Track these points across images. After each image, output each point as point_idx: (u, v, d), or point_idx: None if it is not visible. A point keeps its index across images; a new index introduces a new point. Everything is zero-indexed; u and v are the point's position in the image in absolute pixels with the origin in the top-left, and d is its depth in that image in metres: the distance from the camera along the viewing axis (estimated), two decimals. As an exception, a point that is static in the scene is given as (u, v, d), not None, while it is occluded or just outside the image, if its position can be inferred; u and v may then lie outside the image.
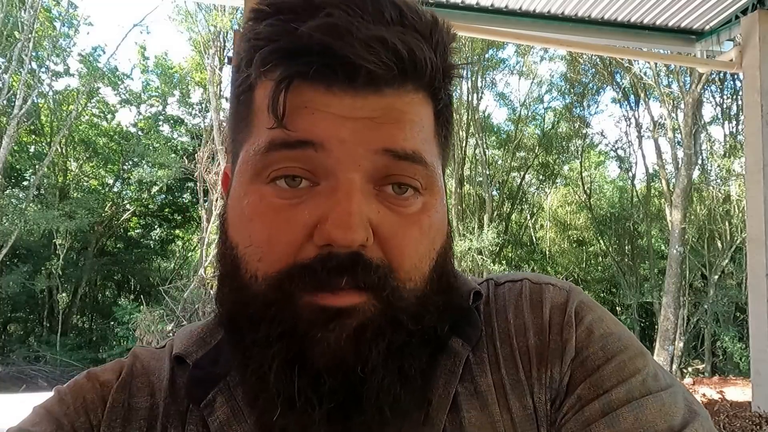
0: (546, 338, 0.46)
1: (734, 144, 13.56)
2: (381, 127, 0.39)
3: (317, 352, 0.38)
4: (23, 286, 14.21)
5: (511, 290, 0.50)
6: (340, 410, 0.39)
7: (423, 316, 0.41)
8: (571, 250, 18.15)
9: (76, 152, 17.07)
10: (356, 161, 0.39)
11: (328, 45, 0.37)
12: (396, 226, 0.40)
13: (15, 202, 14.87)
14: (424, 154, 0.41)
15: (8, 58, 13.32)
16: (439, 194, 0.44)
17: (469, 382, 0.46)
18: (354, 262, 0.38)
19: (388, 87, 0.39)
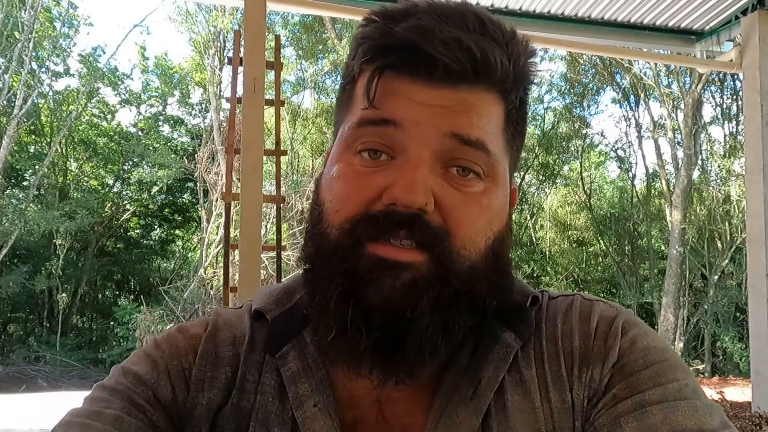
0: (590, 343, 0.51)
1: (734, 144, 13.56)
2: (452, 115, 0.46)
3: (371, 292, 0.44)
4: (23, 286, 14.21)
5: (563, 302, 0.55)
6: (385, 344, 0.45)
7: (472, 284, 0.47)
8: (571, 250, 18.16)
9: (76, 152, 17.08)
10: (427, 141, 0.46)
11: (415, 42, 0.45)
12: (456, 200, 0.46)
13: (15, 202, 14.87)
14: (487, 143, 0.47)
15: (8, 59, 13.32)
16: (501, 184, 0.50)
17: (516, 372, 0.51)
18: (413, 219, 0.45)
19: (462, 83, 0.46)
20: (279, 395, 0.51)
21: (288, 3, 3.68)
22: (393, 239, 0.45)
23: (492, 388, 0.49)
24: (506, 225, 0.51)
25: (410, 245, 0.45)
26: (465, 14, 0.46)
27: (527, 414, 0.49)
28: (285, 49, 14.95)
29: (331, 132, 10.63)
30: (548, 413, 0.49)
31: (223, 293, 3.40)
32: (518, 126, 0.51)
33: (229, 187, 3.86)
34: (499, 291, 0.50)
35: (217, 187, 12.14)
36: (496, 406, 0.49)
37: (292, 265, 12.64)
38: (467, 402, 0.49)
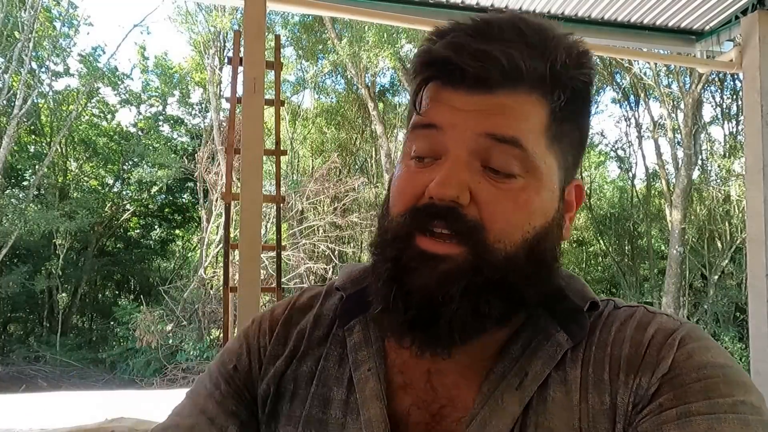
0: (642, 351, 0.52)
1: (734, 144, 13.57)
2: (487, 117, 0.50)
3: (412, 278, 0.51)
4: (23, 286, 14.21)
5: (624, 312, 0.57)
6: (420, 322, 0.51)
7: (506, 274, 0.51)
8: (571, 250, 18.15)
9: (76, 152, 17.08)
10: (464, 141, 0.50)
11: (448, 57, 0.50)
12: (492, 195, 0.50)
13: (15, 202, 14.88)
14: (522, 140, 0.51)
15: (8, 58, 13.33)
16: (543, 181, 0.52)
17: (562, 370, 0.54)
18: (448, 211, 0.50)
19: (499, 87, 0.50)
20: (340, 361, 0.60)
21: (288, 3, 3.67)
22: (434, 230, 0.50)
23: (537, 382, 0.53)
24: (552, 220, 0.54)
25: (449, 237, 0.50)
26: (501, 26, 0.51)
27: (565, 410, 0.52)
28: (285, 49, 14.96)
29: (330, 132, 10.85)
30: (585, 413, 0.51)
31: (223, 293, 3.40)
32: (566, 123, 0.54)
33: (229, 187, 3.86)
34: (538, 283, 0.53)
35: (217, 187, 12.14)
36: (538, 398, 0.53)
37: (293, 264, 12.65)
38: (513, 391, 0.53)
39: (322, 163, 14.52)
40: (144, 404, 7.15)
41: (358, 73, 13.45)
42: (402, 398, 0.56)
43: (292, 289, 14.02)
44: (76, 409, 6.78)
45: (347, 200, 13.94)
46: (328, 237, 13.99)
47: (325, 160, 14.28)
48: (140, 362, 12.35)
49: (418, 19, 3.87)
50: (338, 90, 16.85)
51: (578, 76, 0.53)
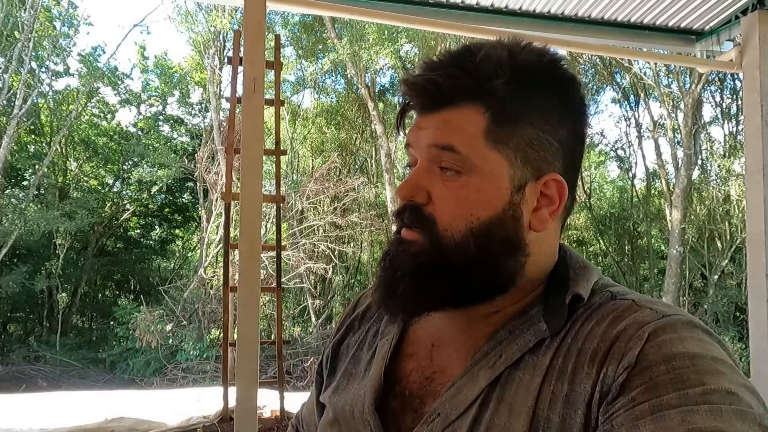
0: (608, 344, 0.55)
1: (734, 144, 13.56)
2: (434, 131, 0.61)
3: (387, 260, 0.64)
4: (23, 286, 14.21)
5: (613, 305, 0.60)
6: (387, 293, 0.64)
7: (452, 259, 0.60)
8: (571, 250, 18.14)
9: (75, 152, 17.07)
10: (422, 152, 0.63)
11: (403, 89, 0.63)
12: (441, 192, 0.61)
13: (15, 202, 14.87)
14: (456, 146, 0.60)
15: (8, 58, 13.32)
16: (484, 177, 0.60)
17: (535, 356, 0.60)
18: (410, 208, 0.62)
19: (441, 106, 0.61)
20: (375, 333, 0.76)
21: (288, 3, 3.67)
22: (402, 226, 0.64)
23: (506, 363, 0.60)
24: (502, 212, 0.60)
25: (414, 228, 0.62)
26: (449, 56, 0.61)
27: (526, 391, 0.58)
28: (285, 49, 14.95)
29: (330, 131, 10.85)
30: (545, 397, 0.56)
31: (222, 293, 3.40)
32: (508, 125, 0.60)
33: (228, 186, 3.86)
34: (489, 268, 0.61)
35: (217, 187, 12.13)
36: (507, 377, 0.60)
37: (292, 264, 12.64)
38: (487, 368, 0.61)
39: (322, 162, 14.51)
40: (144, 404, 7.15)
41: (358, 73, 13.45)
42: (407, 363, 0.69)
43: (292, 289, 14.00)
44: (76, 409, 6.78)
45: (347, 200, 13.93)
46: (328, 237, 13.99)
47: (325, 159, 14.27)
48: (140, 362, 12.35)
49: (418, 19, 3.87)
50: (338, 90, 16.85)
51: (509, 84, 0.59)
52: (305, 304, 15.48)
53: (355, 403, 0.68)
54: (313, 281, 15.28)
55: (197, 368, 11.44)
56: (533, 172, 0.61)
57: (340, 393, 0.73)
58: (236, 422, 2.85)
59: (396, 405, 0.66)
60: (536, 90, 0.61)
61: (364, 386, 0.69)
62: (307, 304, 15.33)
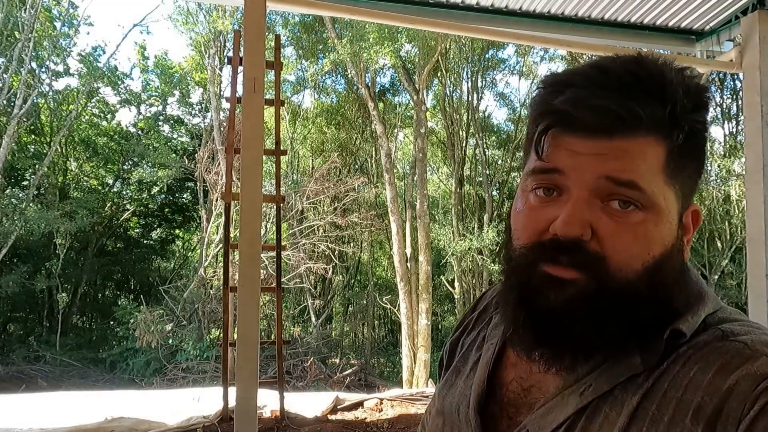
0: (719, 402, 0.49)
1: (734, 144, 13.57)
2: (607, 161, 0.54)
3: (540, 300, 0.57)
4: (23, 286, 14.21)
5: (722, 348, 0.54)
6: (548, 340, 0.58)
7: (626, 300, 0.55)
8: (571, 250, 18.15)
9: (76, 152, 17.08)
10: (585, 182, 0.55)
11: (568, 111, 0.54)
12: (612, 229, 0.55)
13: (15, 202, 14.87)
14: (639, 182, 0.54)
15: (8, 58, 13.32)
16: (662, 215, 0.56)
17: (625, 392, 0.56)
18: (572, 245, 0.55)
19: (618, 133, 0.54)
20: (485, 336, 0.76)
21: (288, 3, 3.67)
22: (559, 262, 0.56)
23: (595, 395, 0.58)
24: (671, 248, 0.58)
25: (572, 267, 0.55)
26: (619, 74, 0.55)
27: (610, 427, 0.55)
28: (285, 49, 14.95)
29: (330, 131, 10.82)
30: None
31: (222, 293, 3.40)
32: (684, 159, 0.57)
33: (229, 186, 3.86)
34: (657, 306, 0.57)
35: (217, 187, 12.14)
36: (594, 409, 0.57)
37: (293, 264, 12.65)
38: (577, 395, 0.59)
39: (322, 162, 14.52)
40: (144, 404, 7.15)
41: (359, 73, 13.45)
42: (510, 371, 0.69)
43: (292, 289, 14.00)
44: (76, 408, 6.77)
45: (347, 200, 13.94)
46: (328, 237, 14.00)
47: (325, 159, 14.28)
48: (140, 362, 12.35)
49: (419, 19, 3.87)
50: (338, 90, 16.86)
51: (696, 117, 0.56)
52: (305, 304, 15.48)
53: (461, 402, 0.70)
54: (313, 281, 15.29)
55: (197, 368, 11.44)
56: (685, 204, 0.59)
57: (448, 387, 0.76)
58: (236, 422, 2.85)
59: (495, 410, 0.67)
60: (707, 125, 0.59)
61: (470, 386, 0.70)
62: (307, 304, 15.33)
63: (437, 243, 15.10)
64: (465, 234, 14.74)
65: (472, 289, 15.05)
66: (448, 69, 15.34)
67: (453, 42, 14.34)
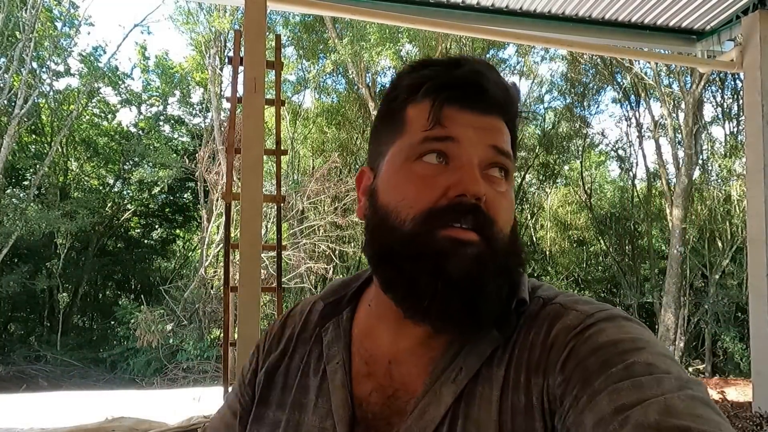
0: (547, 354, 0.58)
1: (735, 144, 13.55)
2: (492, 134, 0.62)
3: (452, 266, 0.57)
4: (24, 286, 14.22)
5: (546, 312, 0.62)
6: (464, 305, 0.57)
7: (507, 261, 0.61)
8: (571, 250, 18.15)
9: (76, 152, 17.08)
10: (476, 151, 0.60)
11: (477, 81, 0.61)
12: (495, 196, 0.60)
13: (16, 201, 14.88)
14: (510, 153, 0.63)
15: (9, 58, 13.33)
16: (513, 186, 0.65)
17: (490, 368, 0.60)
18: (476, 208, 0.58)
19: (492, 113, 0.63)
20: (318, 356, 0.70)
21: (288, 3, 3.67)
22: (458, 224, 0.58)
23: (468, 377, 0.60)
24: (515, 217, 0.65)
25: (469, 228, 0.58)
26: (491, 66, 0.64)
27: (488, 405, 0.59)
28: (286, 49, 14.94)
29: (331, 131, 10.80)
30: (506, 409, 0.58)
31: (223, 293, 3.40)
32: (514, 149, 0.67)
33: (229, 186, 3.85)
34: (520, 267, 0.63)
35: (217, 187, 12.14)
36: (469, 392, 0.60)
37: (293, 264, 12.64)
38: (449, 384, 0.60)
39: (323, 162, 14.51)
40: (144, 404, 7.15)
41: (359, 73, 13.45)
42: (365, 384, 0.66)
43: (292, 289, 14.00)
44: (77, 408, 6.78)
45: (348, 200, 13.93)
46: (329, 237, 13.99)
47: (326, 159, 14.27)
48: (141, 362, 12.36)
49: (419, 19, 3.87)
50: (339, 90, 16.85)
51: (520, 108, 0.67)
52: (306, 304, 15.47)
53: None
54: (314, 281, 15.29)
55: (198, 368, 11.44)
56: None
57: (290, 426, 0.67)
58: (237, 422, 2.84)
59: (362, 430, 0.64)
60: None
61: (322, 416, 0.65)
62: (308, 304, 15.32)
63: (438, 243, 15.08)
64: (465, 234, 14.72)
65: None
66: (448, 69, 15.32)
67: (454, 42, 14.34)
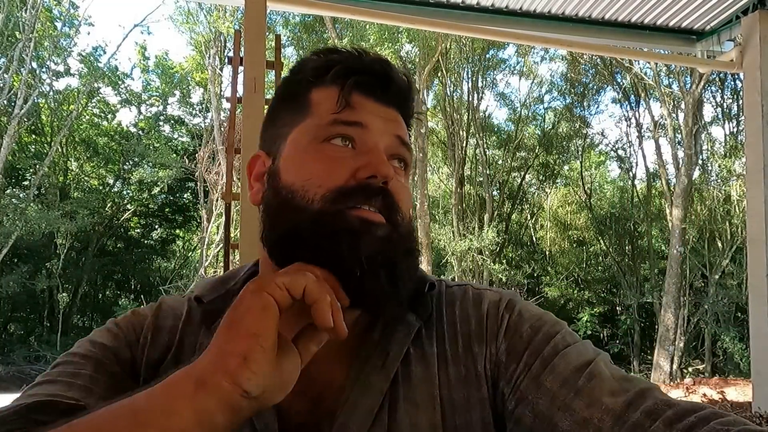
0: (484, 324, 0.64)
1: (735, 144, 13.56)
2: (395, 124, 0.64)
3: (364, 244, 0.56)
4: (24, 286, 14.21)
5: (458, 291, 0.68)
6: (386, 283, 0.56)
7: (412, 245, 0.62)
8: (571, 250, 18.15)
9: (76, 152, 17.08)
10: (383, 139, 0.61)
11: (384, 70, 0.63)
12: (397, 182, 0.61)
13: (16, 202, 14.88)
14: (410, 145, 0.65)
15: (9, 58, 13.33)
16: (409, 179, 0.67)
17: (419, 348, 0.63)
18: (384, 191, 0.58)
19: (395, 106, 0.64)
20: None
21: (288, 3, 3.67)
22: (366, 206, 0.58)
23: (398, 360, 0.61)
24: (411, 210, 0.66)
25: (377, 210, 0.58)
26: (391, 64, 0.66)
27: (427, 382, 0.61)
28: (286, 49, 14.95)
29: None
30: (445, 383, 0.61)
31: (223, 293, 3.40)
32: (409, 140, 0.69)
33: (229, 186, 3.85)
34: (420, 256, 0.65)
35: (217, 187, 12.13)
36: (402, 374, 0.61)
37: (293, 264, 12.63)
38: (378, 370, 0.60)
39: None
40: (144, 404, 7.15)
41: (359, 73, 13.46)
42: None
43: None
44: (77, 408, 6.79)
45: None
46: (329, 237, 13.97)
47: (326, 159, 14.27)
48: (141, 362, 12.36)
49: (419, 19, 3.87)
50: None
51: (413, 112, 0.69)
52: (306, 304, 15.47)
53: None
54: (314, 281, 15.26)
55: (198, 368, 11.44)
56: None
57: None
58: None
59: None
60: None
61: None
62: (308, 304, 15.32)
63: (437, 243, 15.10)
64: (465, 234, 14.74)
65: (473, 289, 15.03)
66: (448, 69, 15.33)
67: (453, 42, 14.34)
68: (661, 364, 12.10)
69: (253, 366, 0.46)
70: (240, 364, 0.46)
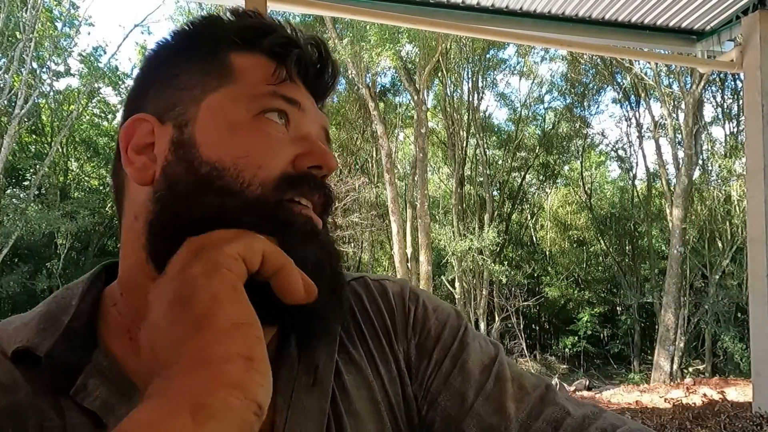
0: (395, 318, 0.60)
1: (735, 144, 13.56)
2: (320, 114, 0.57)
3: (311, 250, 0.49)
4: (24, 286, 14.22)
5: (360, 284, 0.63)
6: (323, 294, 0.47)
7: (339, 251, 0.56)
8: (571, 250, 18.15)
9: (77, 152, 17.09)
10: (315, 126, 0.55)
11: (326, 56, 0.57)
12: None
13: (16, 202, 14.88)
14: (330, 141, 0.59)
15: (10, 58, 13.34)
16: None
17: (345, 353, 0.56)
18: (326, 187, 0.53)
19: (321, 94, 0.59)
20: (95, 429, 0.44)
21: (289, 3, 3.68)
22: (306, 202, 0.51)
23: (330, 371, 0.54)
24: None
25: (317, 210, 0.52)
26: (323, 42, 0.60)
27: (364, 389, 0.55)
28: (286, 49, 14.95)
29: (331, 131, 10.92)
30: (380, 385, 0.56)
31: (224, 293, 3.40)
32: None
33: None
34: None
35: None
36: (337, 386, 0.53)
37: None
38: (310, 389, 0.52)
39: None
40: (145, 404, 7.14)
41: (359, 73, 13.45)
42: None
43: (292, 289, 14.00)
44: (77, 408, 6.79)
45: (348, 200, 13.94)
46: (329, 237, 13.99)
47: (326, 160, 14.28)
48: (141, 362, 12.37)
49: (419, 19, 3.87)
50: (339, 90, 16.86)
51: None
52: (306, 304, 15.47)
53: None
54: (314, 281, 15.28)
55: (198, 368, 11.45)
56: None
57: None
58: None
59: None
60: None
61: None
62: (308, 304, 15.32)
63: (438, 243, 15.10)
64: (465, 234, 14.74)
65: (473, 289, 15.05)
66: (448, 69, 15.34)
67: (453, 42, 14.34)
68: (662, 364, 12.10)
69: (261, 366, 0.35)
70: (246, 368, 0.34)
